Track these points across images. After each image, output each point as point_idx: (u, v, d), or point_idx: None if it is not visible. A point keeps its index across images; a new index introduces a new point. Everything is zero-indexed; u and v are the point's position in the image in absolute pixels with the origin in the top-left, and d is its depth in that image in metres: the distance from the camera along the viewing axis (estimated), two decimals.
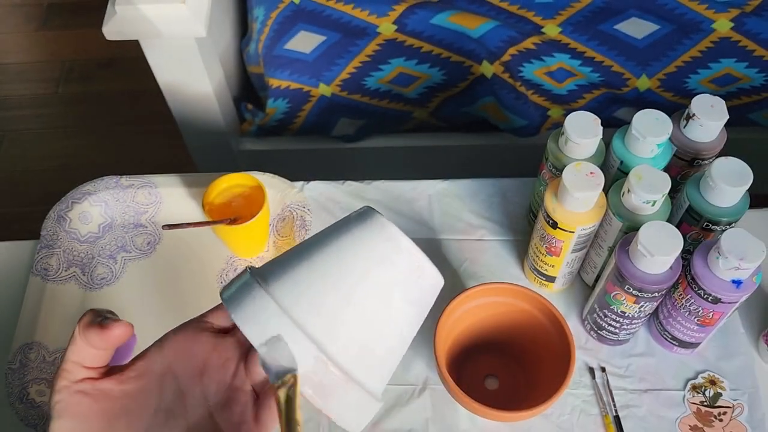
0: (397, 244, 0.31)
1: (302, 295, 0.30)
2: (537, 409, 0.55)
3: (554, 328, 0.60)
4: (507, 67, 0.99)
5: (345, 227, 0.32)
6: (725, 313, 0.58)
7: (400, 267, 0.31)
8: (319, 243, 0.32)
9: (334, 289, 0.30)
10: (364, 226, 0.32)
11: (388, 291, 0.31)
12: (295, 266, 0.31)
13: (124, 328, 0.31)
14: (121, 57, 1.68)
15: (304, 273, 0.31)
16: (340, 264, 0.31)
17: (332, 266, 0.31)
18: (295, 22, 1.03)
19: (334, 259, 0.31)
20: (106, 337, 0.31)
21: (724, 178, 0.56)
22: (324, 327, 0.29)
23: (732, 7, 0.95)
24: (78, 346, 0.31)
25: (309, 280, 0.30)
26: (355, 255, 0.31)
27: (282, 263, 0.32)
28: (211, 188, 0.68)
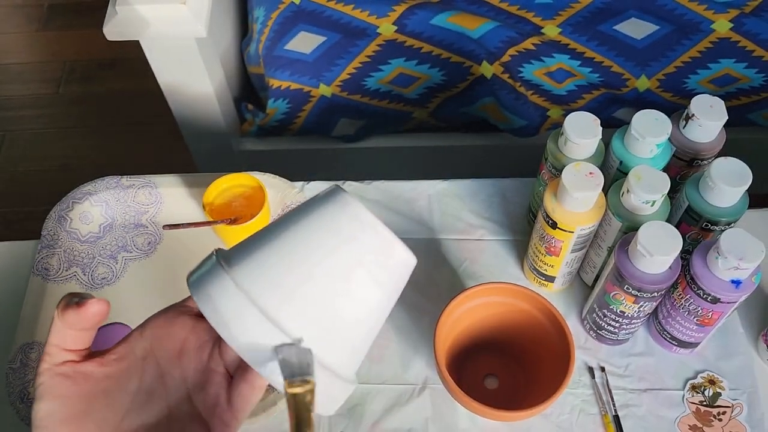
0: (360, 221, 0.30)
1: (263, 275, 0.29)
2: (536, 408, 0.55)
3: (554, 328, 0.60)
4: (507, 68, 0.99)
5: (311, 207, 0.32)
6: (724, 313, 0.58)
7: (365, 245, 0.30)
8: (284, 222, 0.31)
9: (295, 268, 0.30)
10: (329, 205, 0.31)
11: (351, 269, 0.30)
12: (259, 247, 0.31)
13: (100, 305, 0.31)
14: (122, 57, 1.69)
15: (267, 253, 0.30)
16: (303, 242, 0.30)
17: (294, 245, 0.30)
18: (295, 23, 1.04)
19: (298, 238, 0.30)
20: (83, 316, 0.31)
21: (724, 179, 0.56)
22: (283, 306, 0.29)
23: (731, 8, 0.96)
24: (57, 329, 0.32)
25: (271, 259, 0.30)
26: (318, 233, 0.30)
27: (247, 245, 0.31)
28: (211, 188, 0.68)
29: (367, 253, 0.30)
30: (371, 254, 0.30)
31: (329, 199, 0.31)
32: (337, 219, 0.31)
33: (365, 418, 0.63)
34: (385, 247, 0.31)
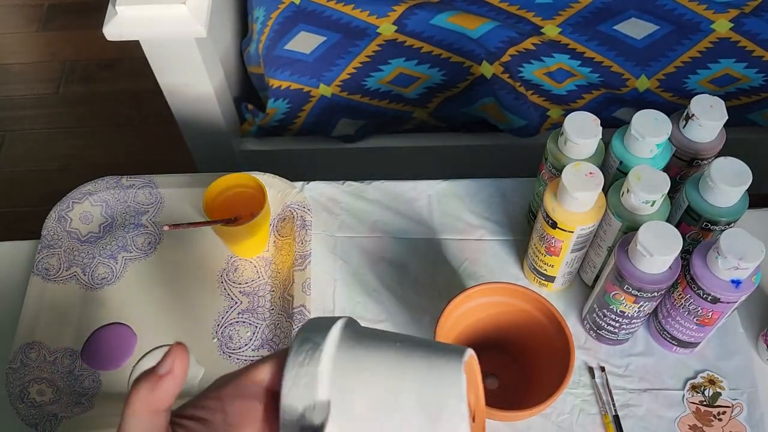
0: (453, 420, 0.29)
1: (348, 409, 0.29)
2: (536, 408, 0.55)
3: (554, 328, 0.60)
4: (506, 68, 0.99)
5: (431, 361, 0.30)
6: (724, 313, 0.58)
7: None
8: (400, 359, 0.30)
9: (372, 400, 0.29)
10: (441, 377, 0.29)
11: None
12: (365, 368, 0.30)
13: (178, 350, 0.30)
14: (122, 57, 1.69)
15: (364, 386, 0.29)
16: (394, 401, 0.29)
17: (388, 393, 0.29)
18: (295, 23, 1.04)
19: (394, 390, 0.29)
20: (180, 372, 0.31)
21: (724, 178, 0.56)
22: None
23: (731, 8, 0.96)
24: (145, 426, 0.30)
25: (363, 396, 0.29)
26: (412, 406, 0.29)
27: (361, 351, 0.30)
28: (211, 188, 0.68)
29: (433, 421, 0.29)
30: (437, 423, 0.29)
31: (446, 371, 0.30)
32: (436, 401, 0.29)
33: None
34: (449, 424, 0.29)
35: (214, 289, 0.71)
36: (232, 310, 0.70)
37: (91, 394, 0.65)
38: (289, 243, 0.72)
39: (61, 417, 0.62)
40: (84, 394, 0.65)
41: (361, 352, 0.30)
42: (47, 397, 0.63)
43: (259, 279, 0.72)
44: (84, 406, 0.64)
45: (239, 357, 0.67)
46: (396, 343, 0.31)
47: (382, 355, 0.30)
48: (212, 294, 0.70)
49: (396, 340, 0.31)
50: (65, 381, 0.65)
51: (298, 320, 0.66)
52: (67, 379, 0.66)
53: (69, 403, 0.64)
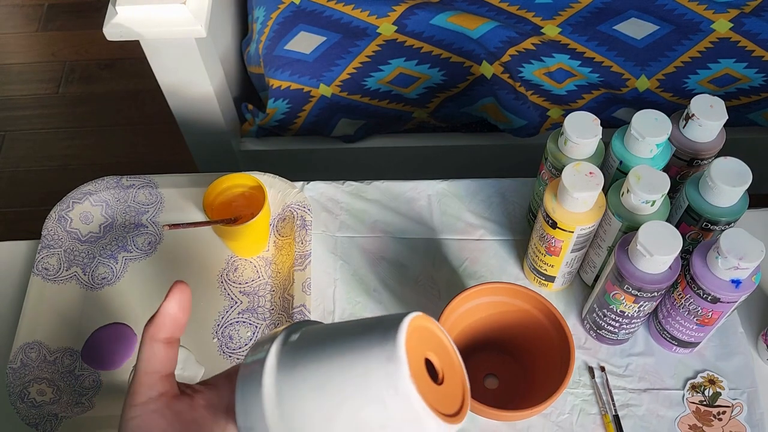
0: (396, 388, 0.28)
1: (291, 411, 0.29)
2: (536, 408, 0.55)
3: (554, 328, 0.60)
4: (506, 68, 1.00)
5: (363, 338, 0.29)
6: (724, 313, 0.58)
7: (393, 412, 0.28)
8: (332, 349, 0.30)
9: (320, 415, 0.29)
10: (376, 351, 0.28)
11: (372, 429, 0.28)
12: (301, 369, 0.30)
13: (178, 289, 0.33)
14: (122, 57, 1.69)
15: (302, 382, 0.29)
16: (337, 390, 0.29)
17: (329, 389, 0.29)
18: (295, 23, 1.04)
19: (334, 379, 0.29)
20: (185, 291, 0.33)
21: (724, 178, 0.56)
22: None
23: (731, 8, 0.96)
24: (149, 355, 0.32)
25: (304, 391, 0.29)
26: (353, 385, 0.28)
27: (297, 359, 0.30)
28: (211, 188, 0.68)
29: (392, 420, 0.28)
30: (397, 423, 0.28)
31: (380, 341, 0.29)
32: (374, 374, 0.28)
33: None
34: (414, 421, 0.28)
35: (214, 289, 0.71)
36: (232, 310, 0.70)
37: (91, 394, 0.65)
38: (289, 243, 0.72)
39: (61, 417, 0.62)
40: (84, 394, 0.65)
41: (298, 370, 0.30)
42: (47, 397, 0.63)
43: (259, 279, 0.72)
44: (84, 406, 0.64)
45: (239, 357, 0.67)
46: (328, 344, 0.30)
47: (317, 366, 0.30)
48: (212, 294, 0.70)
49: (330, 338, 0.31)
50: (65, 381, 0.65)
51: (298, 320, 0.66)
52: (67, 379, 0.66)
53: (69, 403, 0.64)
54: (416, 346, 0.30)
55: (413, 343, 0.29)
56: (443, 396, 0.30)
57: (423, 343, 0.31)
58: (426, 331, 0.31)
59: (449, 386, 0.31)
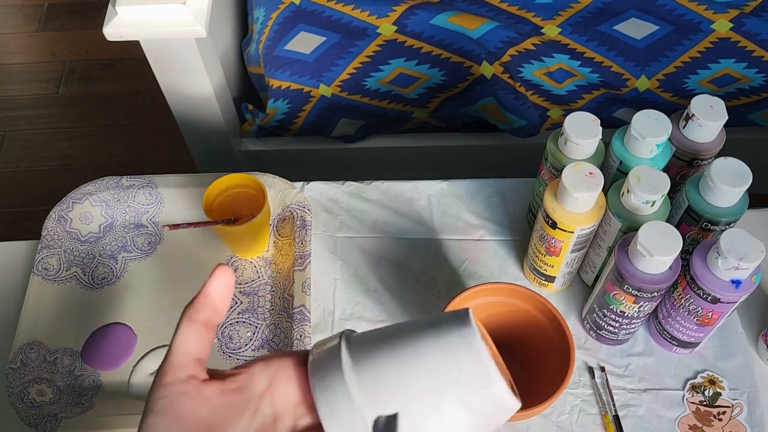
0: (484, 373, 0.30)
1: (381, 404, 0.30)
2: (536, 408, 0.55)
3: (554, 328, 0.60)
4: (506, 68, 0.99)
5: (437, 331, 0.31)
6: (724, 313, 0.58)
7: (480, 398, 0.30)
8: (407, 343, 0.31)
9: (411, 407, 0.30)
10: (453, 342, 0.30)
11: (459, 418, 0.30)
12: (381, 365, 0.31)
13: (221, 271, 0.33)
14: (122, 58, 1.69)
15: (387, 379, 0.30)
16: (422, 380, 0.30)
17: (414, 378, 0.30)
18: (295, 23, 1.04)
19: (418, 370, 0.30)
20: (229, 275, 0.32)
21: (724, 179, 0.56)
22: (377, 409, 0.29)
23: (731, 8, 0.96)
24: (184, 335, 0.32)
25: (391, 389, 0.30)
26: (440, 375, 0.30)
27: (371, 352, 0.31)
28: (211, 188, 0.68)
29: (464, 377, 0.30)
30: (468, 379, 0.30)
31: (457, 331, 0.31)
32: (457, 362, 0.30)
33: None
34: (496, 406, 0.30)
35: None
36: (232, 310, 0.70)
37: (91, 394, 0.65)
38: (289, 243, 0.72)
39: (61, 417, 0.62)
40: (84, 394, 0.65)
41: (374, 352, 0.31)
42: (47, 397, 0.63)
43: (259, 279, 0.72)
44: (84, 406, 0.64)
45: (239, 357, 0.67)
46: (395, 330, 0.32)
47: (390, 341, 0.31)
48: None
49: (395, 328, 0.32)
50: (65, 381, 0.65)
51: (298, 320, 0.66)
52: (67, 379, 0.66)
53: (69, 403, 0.64)
54: None
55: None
56: None
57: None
58: (477, 325, 0.33)
59: (503, 373, 0.33)
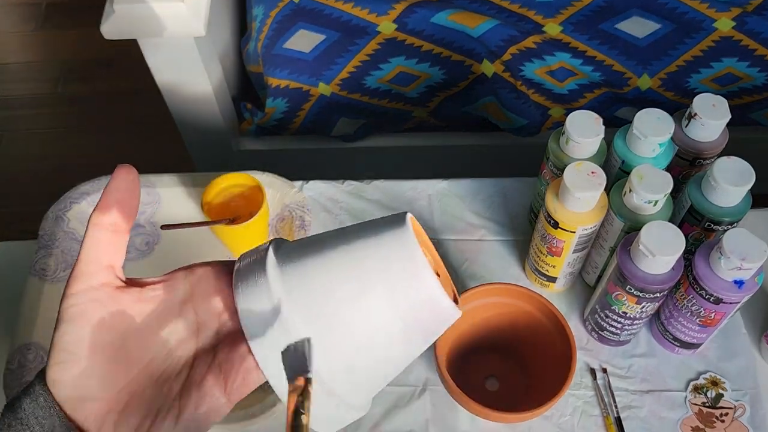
0: (413, 269, 0.28)
1: (302, 298, 0.29)
2: (538, 410, 0.55)
3: (555, 329, 0.60)
4: (507, 66, 0.99)
5: (369, 232, 0.30)
6: (727, 314, 0.58)
7: (409, 295, 0.29)
8: (338, 242, 0.30)
9: (332, 300, 0.29)
10: (385, 240, 0.29)
11: (386, 315, 0.29)
12: (307, 262, 0.30)
13: (121, 170, 0.31)
14: (121, 56, 1.68)
15: (312, 274, 0.29)
16: (347, 274, 0.29)
17: (339, 273, 0.29)
18: (294, 21, 1.03)
19: (344, 266, 0.29)
20: (130, 173, 0.31)
21: (726, 178, 0.56)
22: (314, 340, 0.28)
23: (734, 6, 0.95)
24: (91, 241, 0.30)
25: (313, 282, 0.29)
26: (365, 270, 0.29)
27: (300, 253, 0.30)
28: (210, 188, 0.68)
29: (406, 302, 0.29)
30: (410, 304, 0.29)
31: (389, 231, 0.30)
32: (388, 260, 0.29)
33: (365, 420, 0.63)
34: (428, 301, 0.29)
35: None
36: None
37: None
38: None
39: None
40: None
41: (302, 252, 0.30)
42: None
43: None
44: None
45: None
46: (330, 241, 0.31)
47: (324, 245, 0.30)
48: None
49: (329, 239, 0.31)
50: None
51: None
52: None
53: None
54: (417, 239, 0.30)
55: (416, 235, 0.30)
56: (444, 288, 0.31)
57: (420, 240, 0.31)
58: (417, 231, 0.32)
59: (443, 282, 0.32)
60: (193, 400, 0.30)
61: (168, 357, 0.31)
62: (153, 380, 0.30)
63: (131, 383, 0.29)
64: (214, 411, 0.31)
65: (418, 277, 0.28)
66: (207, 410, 0.30)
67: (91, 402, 0.28)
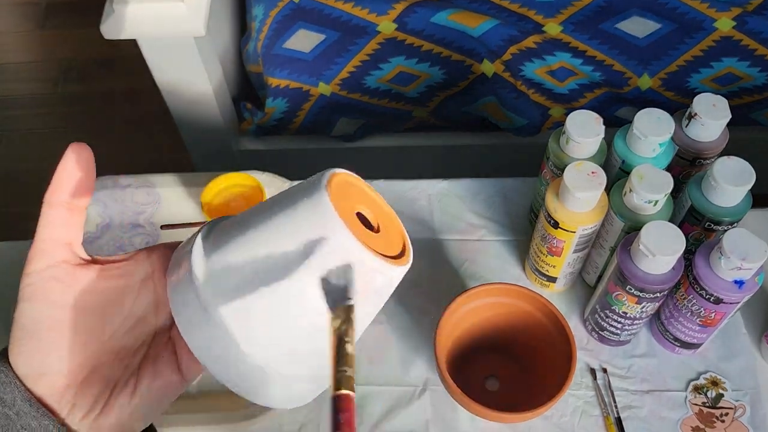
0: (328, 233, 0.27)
1: (227, 291, 0.28)
2: (538, 410, 0.55)
3: (555, 329, 0.60)
4: (508, 66, 0.99)
5: (286, 203, 0.29)
6: (727, 314, 0.58)
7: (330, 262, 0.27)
8: (258, 219, 0.29)
9: (256, 284, 0.28)
10: (299, 210, 0.28)
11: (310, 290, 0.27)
12: (230, 248, 0.29)
13: (73, 147, 0.31)
14: (120, 56, 1.68)
15: (234, 261, 0.29)
16: (266, 252, 0.28)
17: (259, 253, 0.28)
18: (294, 21, 1.03)
19: (262, 245, 0.28)
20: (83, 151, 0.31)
21: (726, 178, 0.56)
22: (237, 320, 0.28)
23: (734, 6, 0.95)
24: (47, 220, 0.30)
25: (236, 270, 0.28)
26: (285, 245, 0.27)
27: (226, 236, 0.30)
28: (209, 188, 0.68)
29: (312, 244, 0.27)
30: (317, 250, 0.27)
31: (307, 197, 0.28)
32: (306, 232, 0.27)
33: (365, 420, 0.63)
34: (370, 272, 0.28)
35: None
36: None
37: None
38: None
39: None
40: None
41: (228, 236, 0.30)
42: None
43: None
44: None
45: None
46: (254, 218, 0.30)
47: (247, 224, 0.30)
48: None
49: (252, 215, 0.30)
50: None
51: None
52: None
53: None
54: (343, 198, 0.29)
55: (339, 195, 0.29)
56: (383, 243, 0.30)
57: (352, 197, 0.30)
58: (353, 187, 0.31)
59: (388, 234, 0.31)
60: (148, 376, 0.31)
61: (127, 333, 0.32)
62: (112, 355, 0.31)
63: (90, 358, 0.30)
64: (170, 387, 0.32)
65: (336, 241, 0.27)
66: (161, 386, 0.31)
67: (50, 376, 0.29)
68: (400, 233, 0.32)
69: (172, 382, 0.32)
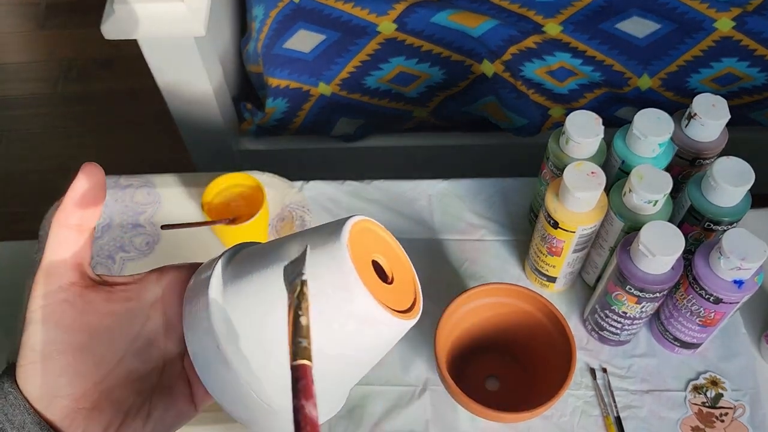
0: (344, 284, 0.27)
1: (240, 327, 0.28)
2: (538, 410, 0.55)
3: (555, 329, 0.60)
4: (508, 66, 0.99)
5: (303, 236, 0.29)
6: (727, 314, 0.58)
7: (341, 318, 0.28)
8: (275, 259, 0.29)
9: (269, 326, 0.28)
10: (316, 256, 0.28)
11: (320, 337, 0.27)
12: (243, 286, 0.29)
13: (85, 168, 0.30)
14: (120, 56, 1.68)
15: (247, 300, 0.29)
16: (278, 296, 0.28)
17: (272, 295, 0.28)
18: (294, 21, 1.03)
19: (276, 287, 0.28)
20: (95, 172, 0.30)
21: (726, 178, 0.56)
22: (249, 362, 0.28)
23: (734, 6, 0.95)
24: (57, 241, 0.30)
25: (249, 311, 0.29)
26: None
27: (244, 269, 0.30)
28: (210, 188, 0.68)
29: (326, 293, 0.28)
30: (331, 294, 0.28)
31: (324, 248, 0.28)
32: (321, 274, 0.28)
33: (365, 420, 0.63)
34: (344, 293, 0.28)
35: None
36: None
37: None
38: None
39: None
40: None
41: (243, 267, 0.30)
42: None
43: None
44: None
45: None
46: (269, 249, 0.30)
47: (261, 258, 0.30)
48: None
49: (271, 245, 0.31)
50: None
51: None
52: None
53: None
54: (361, 247, 0.29)
55: (357, 243, 0.29)
56: (395, 294, 0.31)
57: (369, 245, 0.30)
58: (372, 234, 0.31)
59: (400, 285, 0.32)
60: (162, 404, 0.31)
61: (137, 357, 0.31)
62: (122, 379, 0.31)
63: (101, 382, 0.30)
64: (182, 417, 0.32)
65: (349, 292, 0.27)
66: (175, 414, 0.31)
67: (60, 399, 0.29)
68: (412, 282, 0.33)
69: (186, 410, 0.32)
